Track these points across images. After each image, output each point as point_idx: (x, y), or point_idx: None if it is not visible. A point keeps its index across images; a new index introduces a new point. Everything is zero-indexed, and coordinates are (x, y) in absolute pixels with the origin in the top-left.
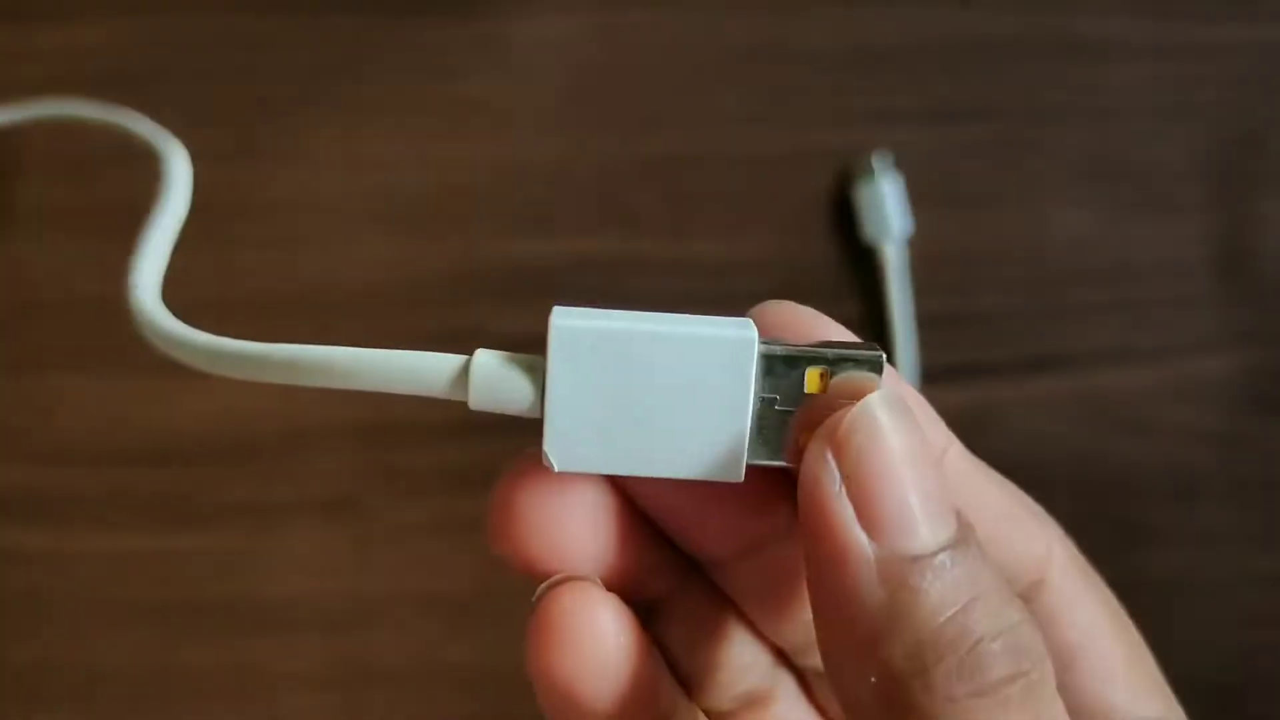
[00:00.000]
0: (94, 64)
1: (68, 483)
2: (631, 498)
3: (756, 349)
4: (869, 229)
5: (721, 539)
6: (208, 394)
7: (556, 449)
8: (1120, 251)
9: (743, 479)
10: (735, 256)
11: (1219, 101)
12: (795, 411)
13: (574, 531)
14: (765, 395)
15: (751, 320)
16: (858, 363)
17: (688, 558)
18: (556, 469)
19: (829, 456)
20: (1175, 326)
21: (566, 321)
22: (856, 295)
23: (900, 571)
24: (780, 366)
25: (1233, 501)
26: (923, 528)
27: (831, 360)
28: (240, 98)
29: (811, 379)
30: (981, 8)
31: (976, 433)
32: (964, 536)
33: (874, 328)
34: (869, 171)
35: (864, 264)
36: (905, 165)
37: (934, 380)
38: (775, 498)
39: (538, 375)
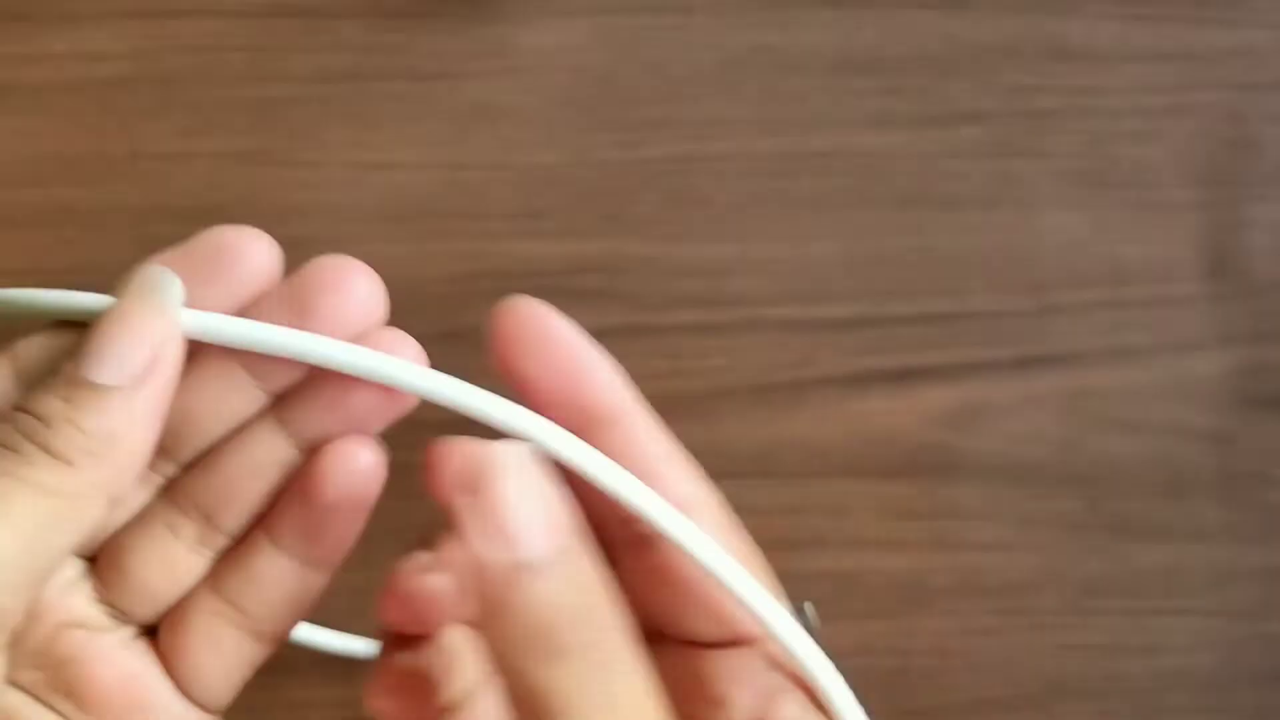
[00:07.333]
0: (104, 67)
1: None
2: None
3: None
4: None
5: None
6: None
7: None
8: (1112, 252)
9: None
10: (734, 259)
11: (1208, 104)
12: None
13: None
14: None
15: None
16: None
17: None
18: None
19: None
20: (1166, 326)
21: None
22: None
23: None
24: None
25: (1223, 497)
26: None
27: None
28: (248, 100)
29: None
30: (976, 12)
31: (970, 431)
32: None
33: None
34: None
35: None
36: (900, 167)
37: (928, 379)
38: None
39: None
